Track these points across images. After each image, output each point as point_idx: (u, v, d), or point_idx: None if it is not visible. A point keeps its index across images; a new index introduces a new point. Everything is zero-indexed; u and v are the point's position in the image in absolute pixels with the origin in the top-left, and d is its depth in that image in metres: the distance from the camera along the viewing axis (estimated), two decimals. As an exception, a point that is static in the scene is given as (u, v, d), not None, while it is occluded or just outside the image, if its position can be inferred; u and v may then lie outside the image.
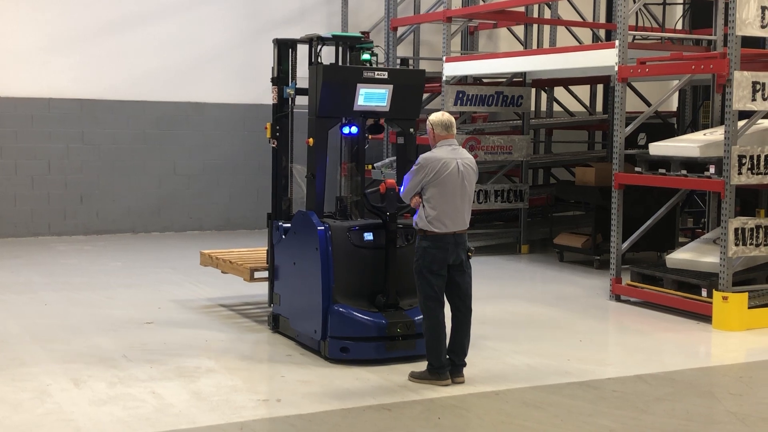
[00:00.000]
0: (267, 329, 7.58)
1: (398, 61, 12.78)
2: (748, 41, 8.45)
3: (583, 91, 14.81)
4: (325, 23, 13.95)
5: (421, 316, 6.29)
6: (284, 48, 7.59)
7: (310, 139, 6.93)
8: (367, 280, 6.66)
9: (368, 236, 6.69)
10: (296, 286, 7.00)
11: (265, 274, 7.75)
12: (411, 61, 12.87)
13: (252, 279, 7.86)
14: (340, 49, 7.51)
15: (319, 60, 7.24)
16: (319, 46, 7.33)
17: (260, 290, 8.43)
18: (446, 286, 6.18)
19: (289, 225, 7.19)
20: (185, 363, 6.61)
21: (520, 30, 14.10)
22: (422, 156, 6.18)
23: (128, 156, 13.26)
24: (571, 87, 14.47)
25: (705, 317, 8.19)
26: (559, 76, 13.49)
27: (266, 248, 7.84)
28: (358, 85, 6.83)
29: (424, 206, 6.12)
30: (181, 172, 13.63)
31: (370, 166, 7.69)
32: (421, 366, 6.30)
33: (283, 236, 7.21)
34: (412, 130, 7.19)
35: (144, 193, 13.40)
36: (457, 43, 14.70)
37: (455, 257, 6.14)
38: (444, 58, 11.82)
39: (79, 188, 13.00)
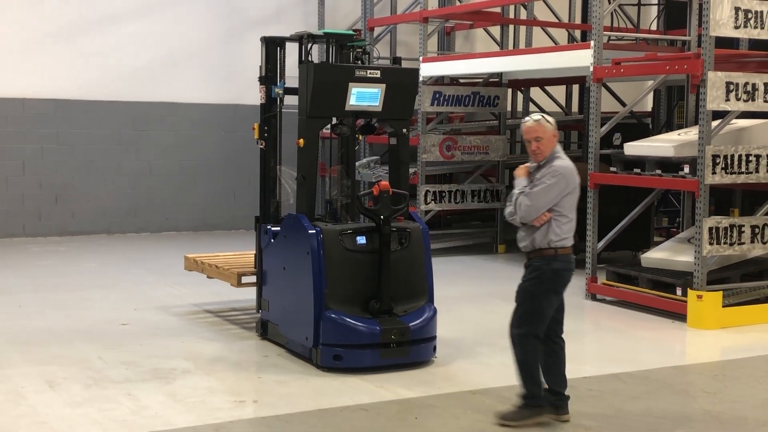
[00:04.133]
0: (249, 332, 7.49)
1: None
2: (722, 42, 8.52)
3: (558, 92, 14.88)
4: (302, 23, 13.91)
5: (420, 322, 6.06)
6: (272, 46, 7.40)
7: (301, 140, 6.74)
8: (360, 285, 6.48)
9: (361, 240, 6.51)
10: (286, 291, 6.83)
11: (253, 279, 7.54)
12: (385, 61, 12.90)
13: (240, 284, 7.62)
14: (332, 47, 7.27)
15: (309, 58, 7.07)
16: (310, 44, 7.11)
17: (226, 288, 8.34)
18: None
19: (278, 228, 7.01)
20: (161, 365, 6.57)
21: (496, 30, 14.14)
22: (558, 166, 5.44)
23: (103, 156, 13.17)
24: (547, 87, 14.52)
25: (680, 316, 8.24)
26: (535, 77, 13.54)
27: (253, 252, 7.67)
28: (350, 84, 6.64)
29: (556, 220, 5.44)
30: (157, 173, 13.55)
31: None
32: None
33: (272, 240, 7.04)
34: (405, 130, 7.01)
35: (119, 194, 13.32)
36: (434, 44, 14.73)
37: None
38: (421, 58, 11.83)
39: (53, 189, 12.90)
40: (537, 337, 5.50)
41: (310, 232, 6.48)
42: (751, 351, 7.32)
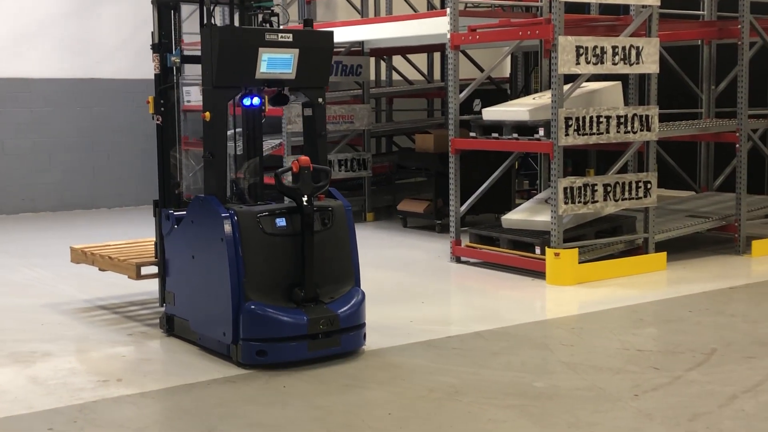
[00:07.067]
0: (146, 326, 7.17)
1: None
2: (573, 7, 8.80)
3: (420, 60, 15.05)
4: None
5: (348, 308, 5.79)
6: (165, 10, 6.69)
7: (207, 113, 6.11)
8: (282, 271, 5.96)
9: (281, 222, 5.99)
10: (197, 282, 6.24)
11: (155, 269, 6.94)
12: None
13: (139, 276, 6.98)
14: (235, 10, 6.71)
15: (212, 22, 6.43)
16: (212, 6, 6.47)
17: (96, 272, 8.12)
18: None
19: (183, 213, 6.41)
20: (20, 348, 6.36)
21: (356, -1, 14.17)
22: None
23: (-49, 136, 12.57)
24: (409, 55, 14.67)
25: (540, 274, 8.54)
26: (396, 45, 13.65)
27: (150, 239, 7.12)
28: (260, 49, 6.08)
29: None
30: (11, 152, 13.01)
31: None
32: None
33: (176, 226, 6.43)
34: (321, 99, 6.48)
35: (-29, 175, 12.75)
36: (294, 13, 14.61)
37: None
38: (281, 27, 11.70)
39: None
40: None
41: (223, 215, 5.91)
42: (605, 304, 7.67)
